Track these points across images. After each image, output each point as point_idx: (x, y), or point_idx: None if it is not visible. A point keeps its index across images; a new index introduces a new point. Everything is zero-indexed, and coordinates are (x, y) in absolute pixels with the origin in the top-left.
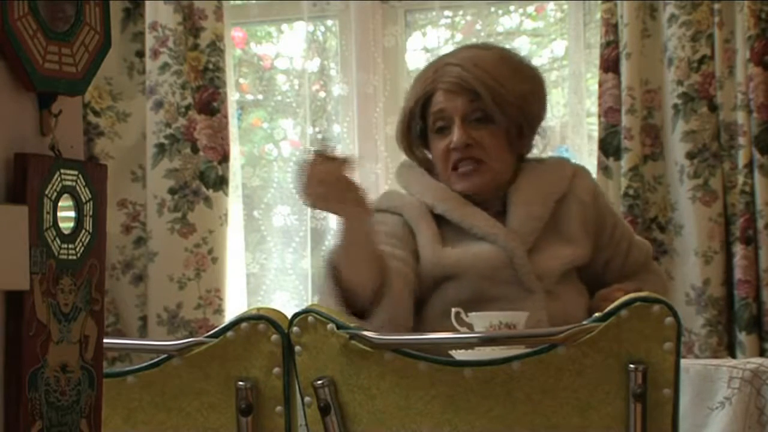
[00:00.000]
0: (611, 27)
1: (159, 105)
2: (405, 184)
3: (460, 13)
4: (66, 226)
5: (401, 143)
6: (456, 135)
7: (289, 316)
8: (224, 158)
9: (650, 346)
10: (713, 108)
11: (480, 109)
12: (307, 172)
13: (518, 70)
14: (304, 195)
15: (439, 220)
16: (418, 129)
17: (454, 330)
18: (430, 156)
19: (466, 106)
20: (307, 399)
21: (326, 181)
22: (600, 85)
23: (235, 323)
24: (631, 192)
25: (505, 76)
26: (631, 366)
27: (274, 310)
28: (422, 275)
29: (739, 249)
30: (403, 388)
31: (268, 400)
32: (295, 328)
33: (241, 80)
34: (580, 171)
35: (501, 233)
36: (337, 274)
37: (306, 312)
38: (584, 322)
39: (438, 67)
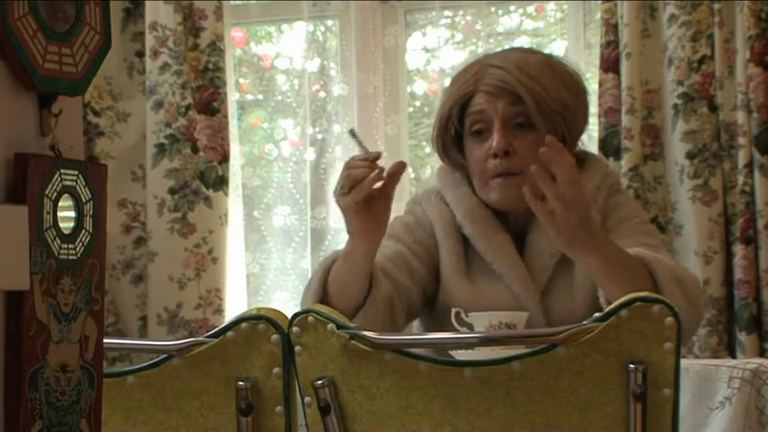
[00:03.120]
0: (611, 27)
1: (159, 105)
2: (441, 186)
3: (460, 13)
4: (66, 226)
5: (436, 145)
6: (496, 140)
7: (289, 316)
8: (224, 158)
9: (650, 346)
10: (713, 108)
11: (522, 114)
12: (345, 174)
13: (563, 79)
14: (337, 197)
15: (468, 240)
16: (453, 132)
17: (454, 330)
18: (463, 161)
19: (507, 109)
20: (307, 399)
21: (358, 187)
22: (600, 85)
23: (235, 323)
24: (631, 192)
25: (549, 82)
26: (631, 366)
27: (274, 310)
28: (440, 298)
29: (739, 249)
30: (403, 388)
31: (268, 400)
32: (295, 328)
33: (241, 80)
34: (601, 185)
35: (519, 277)
36: (326, 278)
37: (306, 312)
38: (584, 322)
39: (479, 68)
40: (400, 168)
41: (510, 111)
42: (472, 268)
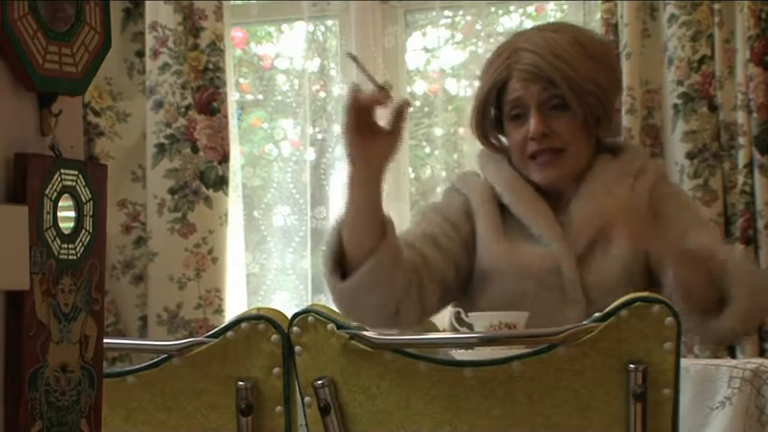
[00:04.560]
0: (611, 27)
1: (159, 105)
2: (482, 166)
3: (460, 13)
4: (66, 226)
5: (476, 131)
6: (533, 124)
7: (289, 316)
8: (224, 158)
9: (650, 346)
10: (713, 108)
11: (556, 96)
12: (351, 98)
13: (593, 55)
14: (343, 121)
15: (505, 210)
16: (492, 116)
17: (454, 330)
18: (506, 142)
19: (541, 93)
20: (307, 399)
21: (364, 111)
22: None
23: (235, 323)
24: None
25: (580, 62)
26: (631, 366)
27: (274, 310)
28: (477, 265)
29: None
30: (403, 388)
31: (268, 400)
32: (295, 328)
33: (241, 80)
34: (646, 167)
35: (556, 238)
36: (340, 233)
37: (306, 312)
38: (584, 322)
39: (511, 52)
40: (405, 104)
41: (544, 95)
42: (510, 231)
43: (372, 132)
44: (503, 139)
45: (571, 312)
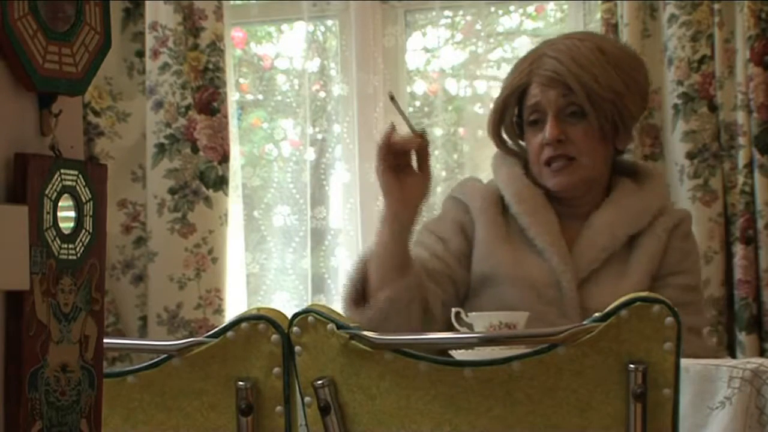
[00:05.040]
0: (611, 27)
1: (159, 105)
2: (495, 168)
3: (460, 13)
4: (66, 226)
5: (490, 132)
6: (548, 130)
7: (289, 316)
8: (224, 158)
9: (650, 346)
10: (713, 108)
11: (574, 104)
12: (385, 138)
13: (612, 62)
14: (377, 160)
15: (510, 216)
16: (513, 120)
17: (454, 330)
18: (516, 148)
19: (559, 99)
20: (307, 399)
21: (397, 152)
22: None
23: (235, 323)
24: None
25: (600, 70)
26: (631, 366)
27: (274, 310)
28: (474, 270)
29: (739, 249)
30: (403, 388)
31: (268, 400)
32: (295, 328)
33: (241, 80)
34: (667, 208)
35: (558, 255)
36: (365, 265)
37: (306, 312)
38: (584, 322)
39: (535, 57)
40: (425, 142)
41: (562, 101)
42: (513, 238)
43: (405, 173)
44: (521, 143)
45: None
